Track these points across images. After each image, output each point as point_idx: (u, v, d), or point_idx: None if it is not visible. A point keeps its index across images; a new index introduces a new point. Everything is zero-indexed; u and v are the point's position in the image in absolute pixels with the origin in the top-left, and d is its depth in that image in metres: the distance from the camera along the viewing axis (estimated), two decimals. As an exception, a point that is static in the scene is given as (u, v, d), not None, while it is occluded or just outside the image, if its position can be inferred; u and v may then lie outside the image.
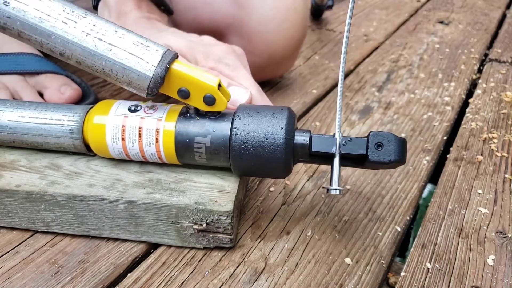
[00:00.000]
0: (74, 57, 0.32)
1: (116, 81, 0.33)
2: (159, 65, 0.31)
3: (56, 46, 0.31)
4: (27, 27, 0.30)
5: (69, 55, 0.32)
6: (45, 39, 0.31)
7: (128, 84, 0.32)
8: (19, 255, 0.36)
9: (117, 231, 0.37)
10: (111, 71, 0.32)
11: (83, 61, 0.32)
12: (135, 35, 0.32)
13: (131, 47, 0.32)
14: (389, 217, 0.42)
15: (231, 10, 0.51)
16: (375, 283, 0.36)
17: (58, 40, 0.31)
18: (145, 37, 0.33)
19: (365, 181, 0.47)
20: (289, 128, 0.34)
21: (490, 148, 0.53)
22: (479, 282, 0.35)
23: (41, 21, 0.30)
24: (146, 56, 0.31)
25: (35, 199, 0.36)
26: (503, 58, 0.79)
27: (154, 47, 0.32)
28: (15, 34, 0.31)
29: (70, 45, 0.31)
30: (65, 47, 0.31)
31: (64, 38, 0.31)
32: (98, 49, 0.31)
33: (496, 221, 0.42)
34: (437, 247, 0.39)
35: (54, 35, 0.31)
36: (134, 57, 0.31)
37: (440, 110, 0.62)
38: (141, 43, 0.32)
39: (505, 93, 0.66)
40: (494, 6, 1.08)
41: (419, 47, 0.83)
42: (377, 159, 0.33)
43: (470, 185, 0.47)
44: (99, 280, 0.34)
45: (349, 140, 0.34)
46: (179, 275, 0.35)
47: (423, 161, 0.51)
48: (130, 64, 0.31)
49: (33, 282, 0.34)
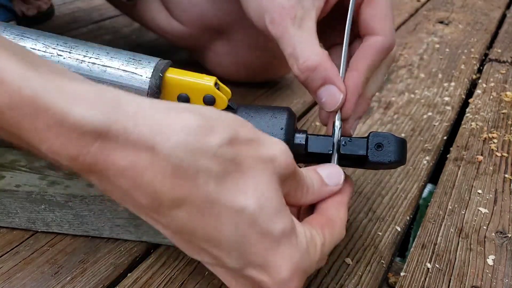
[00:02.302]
0: None
1: None
2: (152, 76, 0.33)
3: None
4: None
5: None
6: None
7: None
8: (19, 255, 0.36)
9: (117, 231, 0.37)
10: None
11: None
12: (127, 53, 0.34)
13: (124, 65, 0.33)
14: (389, 217, 0.42)
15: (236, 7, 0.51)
16: (375, 283, 0.36)
17: None
18: (137, 53, 0.34)
19: (365, 181, 0.47)
20: (289, 128, 0.34)
21: (490, 148, 0.53)
22: (479, 282, 0.35)
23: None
24: (139, 70, 0.33)
25: (35, 199, 0.36)
26: (503, 58, 0.79)
27: (146, 60, 0.33)
28: None
29: None
30: None
31: None
32: (94, 73, 0.33)
33: (496, 221, 0.42)
34: (437, 247, 0.39)
35: None
36: (128, 73, 0.33)
37: (440, 110, 0.62)
38: (133, 59, 0.34)
39: (505, 93, 0.66)
40: (494, 6, 1.08)
41: (419, 47, 0.83)
42: (377, 160, 0.33)
43: (470, 185, 0.47)
44: (99, 280, 0.34)
45: (349, 140, 0.34)
46: (179, 275, 0.35)
47: (423, 161, 0.51)
48: (125, 80, 0.33)
49: (33, 282, 0.34)
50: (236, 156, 0.24)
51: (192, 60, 0.71)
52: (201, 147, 0.22)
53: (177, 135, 0.22)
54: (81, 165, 0.22)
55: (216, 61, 0.64)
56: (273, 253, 0.24)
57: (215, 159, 0.23)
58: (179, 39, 0.64)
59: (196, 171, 0.22)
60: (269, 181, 0.25)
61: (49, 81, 0.22)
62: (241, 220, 0.23)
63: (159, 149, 0.22)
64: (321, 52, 0.33)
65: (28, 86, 0.21)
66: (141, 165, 0.22)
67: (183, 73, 0.34)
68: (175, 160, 0.22)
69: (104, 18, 0.96)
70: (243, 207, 0.23)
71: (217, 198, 0.23)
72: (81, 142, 0.21)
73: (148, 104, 0.23)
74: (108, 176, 0.22)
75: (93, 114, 0.21)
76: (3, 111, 0.21)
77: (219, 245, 0.24)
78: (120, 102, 0.22)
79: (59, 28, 0.90)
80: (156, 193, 0.22)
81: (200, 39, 0.62)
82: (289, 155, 0.26)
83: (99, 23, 0.94)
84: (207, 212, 0.23)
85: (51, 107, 0.21)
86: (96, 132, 0.21)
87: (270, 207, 0.24)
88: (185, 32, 0.61)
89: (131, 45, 0.82)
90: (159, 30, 0.64)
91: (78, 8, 1.03)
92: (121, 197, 0.24)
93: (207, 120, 0.23)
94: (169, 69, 0.34)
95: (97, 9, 1.02)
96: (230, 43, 0.61)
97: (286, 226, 0.25)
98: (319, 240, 0.27)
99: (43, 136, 0.21)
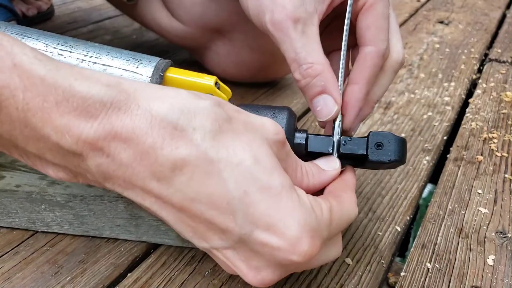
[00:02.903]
0: None
1: None
2: (153, 75, 0.33)
3: None
4: None
5: None
6: None
7: None
8: (19, 255, 0.36)
9: (117, 231, 0.37)
10: None
11: None
12: (127, 53, 0.34)
13: (124, 64, 0.33)
14: (389, 217, 0.42)
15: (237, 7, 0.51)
16: (375, 283, 0.36)
17: None
18: (137, 52, 0.34)
19: (365, 181, 0.47)
20: (289, 128, 0.34)
21: (490, 148, 0.53)
22: (479, 282, 0.35)
23: None
24: (139, 69, 0.33)
25: (35, 199, 0.36)
26: (503, 58, 0.79)
27: (146, 60, 0.33)
28: None
29: None
30: None
31: None
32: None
33: (496, 221, 0.42)
34: (437, 247, 0.39)
35: None
36: (128, 73, 0.33)
37: (440, 110, 0.62)
38: (133, 58, 0.33)
39: (505, 93, 0.66)
40: (494, 6, 1.08)
41: (419, 47, 0.83)
42: (377, 159, 0.33)
43: (470, 185, 0.47)
44: (99, 280, 0.34)
45: (349, 139, 0.34)
46: (179, 275, 0.35)
47: (423, 161, 0.51)
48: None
49: (33, 282, 0.34)
50: (227, 116, 0.25)
51: (192, 60, 0.71)
52: (195, 107, 0.25)
53: (172, 99, 0.25)
54: (85, 141, 0.23)
55: (216, 61, 0.64)
56: (276, 208, 0.24)
57: (209, 117, 0.25)
58: (179, 39, 0.64)
59: (192, 128, 0.24)
60: (261, 143, 0.26)
61: (59, 65, 0.24)
62: (240, 174, 0.24)
63: (156, 112, 0.24)
64: (324, 60, 0.33)
65: (41, 67, 0.23)
66: (142, 131, 0.23)
67: (183, 73, 0.34)
68: (171, 120, 0.24)
69: (104, 18, 0.96)
70: (241, 160, 0.24)
71: (216, 154, 0.24)
72: (86, 115, 0.23)
73: (145, 84, 0.26)
74: (110, 151, 0.24)
75: (98, 89, 0.24)
76: (16, 94, 0.23)
77: (224, 207, 0.24)
78: (122, 82, 0.25)
79: (59, 28, 0.90)
80: (157, 159, 0.24)
81: (200, 39, 0.62)
82: (278, 125, 0.27)
83: (99, 23, 0.94)
84: (208, 170, 0.24)
85: (60, 85, 0.23)
86: (101, 103, 0.23)
87: (266, 161, 0.25)
88: (186, 32, 0.61)
89: (131, 45, 0.82)
90: (160, 30, 0.64)
91: (78, 8, 1.03)
92: (123, 177, 0.25)
93: (195, 93, 0.26)
94: (169, 68, 0.34)
95: (97, 9, 1.02)
96: (231, 44, 0.61)
97: (284, 181, 0.25)
98: (324, 204, 0.27)
99: (52, 115, 0.23)
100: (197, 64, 0.68)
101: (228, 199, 0.24)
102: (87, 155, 0.24)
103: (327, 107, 0.33)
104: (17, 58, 0.23)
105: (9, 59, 0.23)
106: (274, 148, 0.27)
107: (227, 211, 0.24)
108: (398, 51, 0.37)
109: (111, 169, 0.24)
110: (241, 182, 0.24)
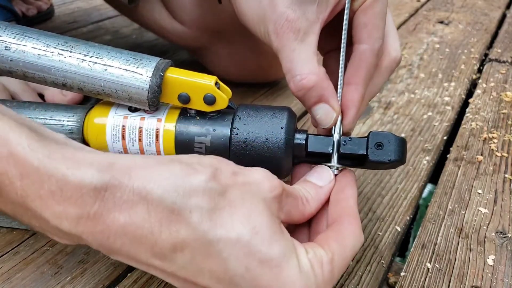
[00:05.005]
0: (76, 84, 0.33)
1: (118, 99, 0.34)
2: (153, 75, 0.33)
3: (57, 77, 0.33)
4: (29, 65, 0.33)
5: (70, 84, 0.34)
6: (46, 73, 0.33)
7: (129, 100, 0.34)
8: (19, 255, 0.36)
9: (117, 231, 0.37)
10: (110, 90, 0.33)
11: (84, 87, 0.33)
12: (127, 52, 0.34)
13: (125, 64, 0.33)
14: (389, 217, 0.42)
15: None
16: (375, 283, 0.36)
17: (58, 72, 0.33)
18: (137, 52, 0.34)
19: (365, 181, 0.47)
20: (289, 128, 0.34)
21: (490, 148, 0.53)
22: (479, 282, 0.35)
23: (39, 58, 0.33)
24: (139, 69, 0.33)
25: (35, 199, 0.36)
26: (503, 58, 0.79)
27: (146, 60, 0.34)
28: (21, 75, 0.34)
29: (69, 73, 0.33)
30: (65, 77, 0.33)
31: (62, 68, 0.33)
32: (94, 72, 0.33)
33: (496, 221, 0.42)
34: (437, 247, 0.39)
35: (54, 67, 0.33)
36: (128, 72, 0.33)
37: (440, 110, 0.62)
38: (133, 58, 0.34)
39: (505, 93, 0.66)
40: (494, 6, 1.08)
41: (419, 47, 0.83)
42: (377, 159, 0.33)
43: (470, 185, 0.47)
44: (99, 280, 0.34)
45: (348, 140, 0.34)
46: (179, 275, 0.35)
47: (423, 161, 0.51)
48: (126, 79, 0.33)
49: (33, 282, 0.34)
50: (222, 189, 0.25)
51: (192, 60, 0.71)
52: (189, 186, 0.24)
53: (166, 180, 0.24)
54: (84, 228, 0.24)
55: (216, 61, 0.64)
56: (277, 280, 0.25)
57: (205, 196, 0.24)
58: (180, 40, 0.64)
59: (188, 211, 0.24)
60: (259, 207, 0.25)
61: (53, 151, 0.24)
62: (240, 251, 0.24)
63: (152, 197, 0.24)
64: (318, 70, 0.33)
65: (34, 157, 0.24)
66: (139, 217, 0.24)
67: (183, 73, 0.34)
68: (167, 205, 0.24)
69: (104, 18, 0.96)
70: (239, 236, 0.24)
71: (214, 235, 0.24)
72: (82, 203, 0.23)
73: (140, 160, 0.25)
74: (110, 236, 0.24)
75: (90, 176, 0.24)
76: (13, 182, 0.23)
77: (228, 282, 0.24)
78: (114, 163, 0.24)
79: (59, 28, 0.90)
80: (156, 243, 0.24)
81: (201, 40, 0.62)
82: (272, 177, 0.27)
83: (99, 23, 0.94)
84: (208, 251, 0.24)
85: (53, 174, 0.23)
86: (95, 190, 0.23)
87: (265, 232, 0.25)
88: (186, 33, 0.61)
89: (131, 45, 0.82)
90: (160, 30, 0.64)
91: (78, 8, 1.03)
92: (126, 254, 0.25)
93: (189, 164, 0.25)
94: (169, 68, 0.34)
95: (97, 9, 1.02)
96: (231, 45, 0.61)
97: (284, 248, 0.25)
98: (325, 256, 0.27)
99: (48, 202, 0.24)
100: (197, 64, 0.68)
101: (230, 276, 0.24)
102: (87, 238, 0.25)
103: (326, 115, 0.34)
104: (12, 147, 0.24)
105: (6, 148, 0.24)
106: (273, 206, 0.27)
107: (231, 285, 0.25)
108: (395, 49, 0.37)
109: (113, 249, 0.25)
110: (241, 259, 0.24)
